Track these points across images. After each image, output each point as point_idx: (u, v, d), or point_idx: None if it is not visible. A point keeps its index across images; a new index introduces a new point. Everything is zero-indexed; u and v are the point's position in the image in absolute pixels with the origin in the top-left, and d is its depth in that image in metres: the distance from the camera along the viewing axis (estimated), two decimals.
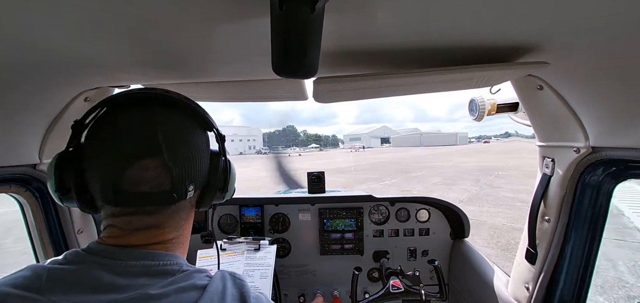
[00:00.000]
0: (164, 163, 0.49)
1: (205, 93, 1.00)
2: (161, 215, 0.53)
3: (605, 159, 0.86)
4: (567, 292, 1.04)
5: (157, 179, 0.49)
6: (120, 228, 0.51)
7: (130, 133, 0.49)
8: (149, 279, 0.47)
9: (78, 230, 1.15)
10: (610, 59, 0.65)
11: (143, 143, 0.49)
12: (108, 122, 0.51)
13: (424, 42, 0.64)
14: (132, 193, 0.48)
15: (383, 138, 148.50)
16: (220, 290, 0.50)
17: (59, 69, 0.72)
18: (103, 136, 0.50)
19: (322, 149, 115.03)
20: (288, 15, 0.40)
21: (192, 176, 0.54)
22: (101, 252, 0.49)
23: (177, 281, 0.48)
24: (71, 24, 0.51)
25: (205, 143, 0.59)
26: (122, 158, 0.48)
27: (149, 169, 0.49)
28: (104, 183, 0.49)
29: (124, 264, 0.47)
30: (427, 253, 1.77)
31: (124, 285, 0.45)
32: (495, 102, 1.13)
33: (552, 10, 0.50)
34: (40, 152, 0.97)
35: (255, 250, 1.43)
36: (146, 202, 0.50)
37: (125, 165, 0.48)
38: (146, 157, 0.48)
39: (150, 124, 0.50)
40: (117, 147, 0.48)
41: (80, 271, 0.46)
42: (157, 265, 0.49)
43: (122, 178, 0.48)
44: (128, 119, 0.50)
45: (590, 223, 0.96)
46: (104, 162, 0.49)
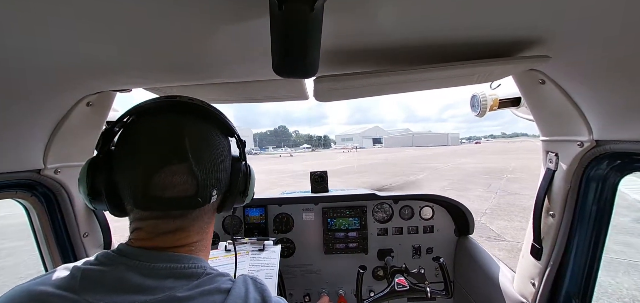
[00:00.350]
0: (190, 168, 0.51)
1: (206, 95, 1.00)
2: (186, 219, 0.55)
3: (609, 153, 0.85)
4: (574, 287, 1.03)
5: (184, 184, 0.51)
6: (147, 231, 0.53)
7: (158, 139, 0.52)
8: (175, 281, 0.49)
9: (84, 233, 1.16)
10: (613, 52, 0.64)
11: (170, 150, 0.51)
12: (137, 129, 0.54)
13: (424, 38, 0.63)
14: (160, 197, 0.50)
15: (375, 138, 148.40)
16: (243, 294, 0.52)
17: (60, 74, 0.73)
18: (132, 142, 0.53)
19: (314, 149, 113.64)
20: (287, 15, 0.40)
21: (216, 181, 0.56)
22: (130, 254, 0.51)
23: (202, 284, 0.50)
24: (72, 29, 0.51)
25: (228, 148, 0.61)
26: (150, 164, 0.50)
27: (176, 175, 0.51)
28: (134, 187, 0.51)
29: (151, 266, 0.50)
30: (431, 250, 1.76)
31: (152, 286, 0.47)
32: (497, 98, 1.12)
33: (553, 4, 0.50)
34: (45, 157, 0.98)
35: (259, 250, 1.44)
36: (173, 206, 0.52)
37: (154, 171, 0.50)
38: (174, 163, 0.51)
39: (177, 131, 0.52)
40: (146, 153, 0.51)
41: (111, 272, 0.49)
42: (183, 267, 0.51)
43: (150, 183, 0.50)
44: (156, 126, 0.53)
45: (596, 217, 0.96)
46: (133, 168, 0.51)
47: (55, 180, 1.05)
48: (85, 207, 1.17)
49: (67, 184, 1.08)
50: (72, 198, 1.11)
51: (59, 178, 1.05)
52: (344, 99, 0.94)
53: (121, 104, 1.24)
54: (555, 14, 0.53)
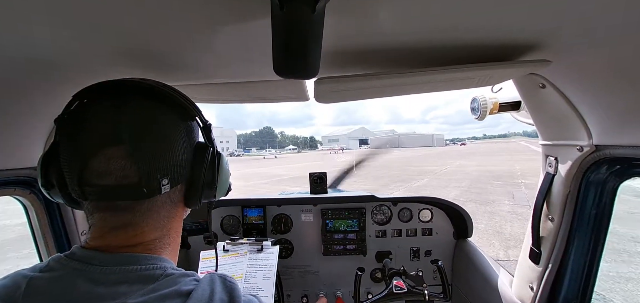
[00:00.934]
0: (128, 152, 0.46)
1: (206, 95, 1.00)
2: (135, 213, 0.49)
3: (609, 158, 0.85)
4: (572, 292, 1.03)
5: (122, 170, 0.46)
6: (97, 227, 0.49)
7: (95, 122, 0.47)
8: (129, 286, 0.44)
9: (82, 231, 1.16)
10: (613, 57, 0.64)
11: (105, 131, 0.46)
12: (77, 113, 0.49)
13: (425, 41, 0.63)
14: (97, 185, 0.46)
15: (361, 139, 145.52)
16: (208, 295, 0.46)
17: (60, 72, 0.73)
18: (71, 127, 0.48)
19: (300, 151, 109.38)
20: (289, 16, 0.40)
21: (166, 169, 0.50)
22: (82, 257, 0.46)
23: (159, 287, 0.44)
24: (72, 27, 0.51)
25: (185, 133, 0.54)
26: (85, 147, 0.46)
27: (112, 160, 0.46)
28: (72, 174, 0.47)
29: (103, 270, 0.45)
30: (430, 253, 1.76)
31: (102, 294, 0.42)
32: (498, 101, 1.13)
33: (554, 8, 0.50)
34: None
35: (257, 251, 1.43)
36: (113, 196, 0.47)
37: (89, 155, 0.46)
38: (108, 145, 0.46)
39: (114, 113, 0.47)
40: (81, 136, 0.47)
41: (59, 280, 0.44)
42: (138, 269, 0.46)
43: (86, 169, 0.46)
44: (95, 109, 0.48)
45: (595, 222, 0.96)
46: (70, 153, 0.47)
47: None
48: None
49: None
50: None
51: None
52: (344, 101, 0.94)
53: None
54: (556, 18, 0.53)
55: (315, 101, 0.89)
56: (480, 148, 63.45)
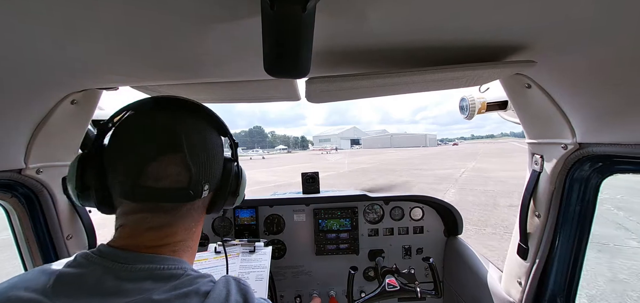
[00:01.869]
0: (184, 160, 0.52)
1: (197, 94, 0.99)
2: (175, 214, 0.55)
3: (591, 155, 0.88)
4: (558, 285, 1.06)
5: (177, 175, 0.52)
6: (133, 227, 0.53)
7: (153, 131, 0.53)
8: (153, 283, 0.48)
9: (67, 235, 1.12)
10: (595, 59, 0.67)
11: (166, 140, 0.52)
12: (132, 123, 0.54)
13: (414, 41, 0.64)
14: (153, 188, 0.51)
15: (353, 139, 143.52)
16: (224, 296, 0.50)
17: (44, 71, 0.71)
18: (127, 135, 0.54)
19: (291, 151, 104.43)
20: (279, 15, 0.40)
21: (208, 177, 0.57)
22: (109, 255, 0.50)
23: (181, 286, 0.49)
24: (56, 24, 0.49)
25: (220, 147, 0.62)
26: (145, 154, 0.51)
27: (170, 165, 0.52)
28: (127, 178, 0.51)
29: (130, 267, 0.48)
30: (421, 251, 1.78)
31: (129, 289, 0.46)
32: (485, 101, 1.15)
33: (539, 11, 0.51)
34: (26, 156, 0.94)
35: (250, 252, 1.42)
36: (165, 198, 0.52)
37: (149, 160, 0.51)
38: (168, 153, 0.52)
39: (172, 124, 0.54)
40: (141, 144, 0.52)
41: (87, 275, 0.47)
42: (162, 268, 0.50)
43: (143, 173, 0.50)
44: (151, 120, 0.54)
45: (579, 218, 0.99)
46: (127, 159, 0.52)
47: (37, 180, 1.01)
48: (69, 208, 1.13)
49: (49, 185, 1.04)
50: (54, 199, 1.07)
51: (41, 178, 1.01)
52: (335, 101, 0.94)
53: (107, 103, 1.21)
54: (541, 20, 0.55)
55: (307, 101, 0.89)
56: (476, 147, 61.45)
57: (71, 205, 1.13)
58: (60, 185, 1.08)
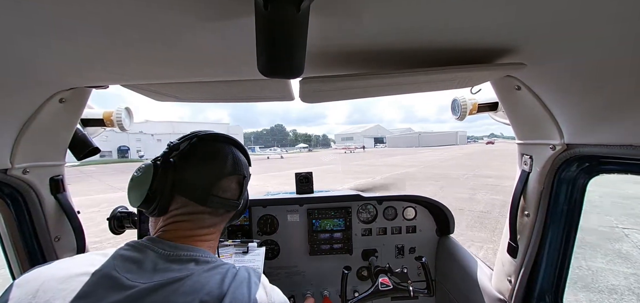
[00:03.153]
0: (241, 181, 0.77)
1: (189, 93, 0.98)
2: (222, 218, 0.76)
3: (579, 156, 0.90)
4: (547, 282, 1.08)
5: (235, 190, 0.76)
6: (191, 224, 0.70)
7: (223, 156, 0.74)
8: (196, 265, 0.62)
9: (55, 237, 1.10)
10: (582, 62, 0.69)
11: (233, 165, 0.75)
12: (206, 149, 0.73)
13: (407, 43, 0.65)
14: (220, 197, 0.72)
15: (376, 137, 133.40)
16: (247, 276, 0.65)
17: (30, 68, 0.69)
18: (204, 156, 0.72)
19: (311, 149, 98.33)
20: (273, 15, 0.40)
21: (242, 194, 0.79)
22: (159, 244, 0.65)
23: (218, 267, 0.64)
24: (43, 21, 0.48)
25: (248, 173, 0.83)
26: (221, 172, 0.72)
27: (232, 183, 0.75)
28: (205, 188, 0.70)
29: (175, 254, 0.63)
30: (414, 250, 1.80)
31: (176, 268, 0.60)
32: (477, 102, 1.17)
33: (528, 15, 0.52)
34: (12, 156, 0.92)
35: (243, 252, 1.41)
36: (224, 205, 0.73)
37: (222, 177, 0.72)
38: (233, 174, 0.75)
39: (233, 153, 0.77)
40: (218, 164, 0.72)
41: (142, 253, 0.62)
42: (201, 256, 0.65)
43: (216, 186, 0.71)
44: (220, 148, 0.75)
45: (567, 217, 1.01)
46: (206, 174, 0.71)
47: (24, 181, 0.98)
48: (57, 209, 1.11)
49: (36, 185, 1.02)
50: (42, 200, 1.04)
51: (28, 178, 0.99)
52: (329, 101, 0.94)
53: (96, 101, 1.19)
54: (530, 24, 0.56)
55: (301, 101, 0.89)
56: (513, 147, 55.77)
57: (59, 206, 1.11)
58: (48, 186, 1.06)
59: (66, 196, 1.13)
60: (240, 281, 0.62)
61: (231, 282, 0.61)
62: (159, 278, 0.57)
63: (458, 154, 36.75)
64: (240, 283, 0.61)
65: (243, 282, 0.62)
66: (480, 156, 31.03)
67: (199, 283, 0.58)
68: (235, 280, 0.61)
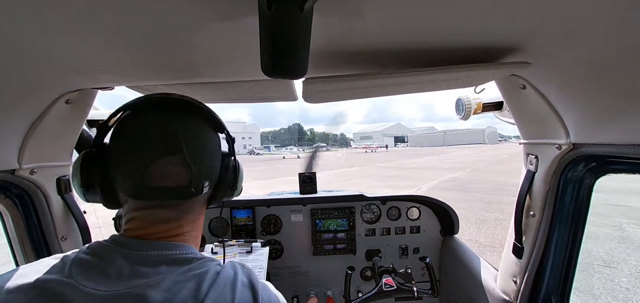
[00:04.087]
0: (184, 160, 0.55)
1: (193, 94, 0.98)
2: (180, 209, 0.59)
3: (585, 155, 0.89)
4: (553, 284, 1.07)
5: (178, 175, 0.55)
6: (142, 221, 0.56)
7: (153, 133, 0.55)
8: (167, 267, 0.52)
9: (62, 237, 1.11)
10: (589, 61, 0.68)
11: (165, 142, 0.55)
12: (131, 124, 0.56)
13: (411, 42, 0.65)
14: (155, 187, 0.54)
15: (397, 136, 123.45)
16: (232, 276, 0.55)
17: (38, 70, 0.70)
18: (127, 136, 0.56)
19: (329, 149, 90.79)
20: (276, 16, 0.40)
21: (207, 173, 0.60)
22: (123, 243, 0.54)
23: (194, 268, 0.53)
24: (51, 24, 0.49)
25: (218, 143, 0.65)
26: (146, 155, 0.54)
27: (170, 166, 0.55)
28: (130, 178, 0.54)
29: (144, 254, 0.53)
30: (418, 250, 1.79)
31: (145, 272, 0.50)
32: (481, 102, 1.16)
33: (533, 13, 0.52)
34: (20, 157, 0.93)
35: (247, 252, 1.42)
36: (167, 196, 0.56)
37: (149, 162, 0.53)
38: (168, 154, 0.55)
39: (170, 125, 0.56)
40: (142, 146, 0.54)
41: (103, 258, 0.51)
42: (175, 254, 0.55)
43: (145, 174, 0.53)
44: (150, 120, 0.56)
45: (573, 217, 1.00)
46: (129, 160, 0.54)
47: (31, 181, 1.00)
48: (63, 209, 1.12)
49: (43, 185, 1.03)
50: (49, 200, 1.06)
51: (35, 178, 1.00)
52: (332, 101, 0.94)
53: (102, 102, 1.20)
54: (536, 22, 0.56)
55: (304, 101, 0.90)
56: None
57: (66, 205, 1.12)
58: (55, 186, 1.07)
59: (72, 196, 1.14)
60: (223, 284, 0.52)
61: (210, 287, 0.51)
62: (121, 287, 0.47)
63: (496, 154, 31.25)
64: (223, 287, 0.52)
65: (226, 284, 0.52)
66: (517, 157, 21.87)
67: (170, 292, 0.48)
68: (215, 284, 0.51)
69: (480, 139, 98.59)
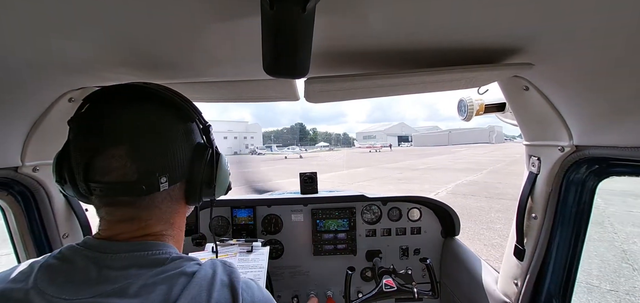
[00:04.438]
0: (128, 152, 0.50)
1: (194, 93, 0.98)
2: (138, 207, 0.54)
3: (588, 158, 0.88)
4: (554, 287, 1.06)
5: (122, 169, 0.50)
6: (106, 220, 0.54)
7: (99, 124, 0.51)
8: (137, 270, 0.48)
9: (63, 234, 1.12)
10: (592, 62, 0.67)
11: (108, 133, 0.50)
12: (84, 115, 0.53)
13: (413, 43, 0.64)
14: (100, 181, 0.50)
15: (401, 136, 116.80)
16: (210, 276, 0.51)
17: (41, 69, 0.70)
18: (77, 129, 0.53)
19: (332, 148, 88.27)
20: (278, 15, 0.40)
21: (164, 168, 0.53)
22: (93, 246, 0.51)
23: (167, 270, 0.49)
24: (53, 22, 0.49)
25: (183, 133, 0.57)
26: (90, 146, 0.50)
27: (113, 159, 0.50)
28: (78, 172, 0.51)
29: (112, 256, 0.49)
30: (419, 251, 1.79)
31: (113, 276, 0.47)
32: (484, 103, 1.15)
33: (537, 14, 0.52)
34: (23, 154, 0.94)
35: (247, 251, 1.42)
36: (114, 192, 0.51)
37: (93, 154, 0.50)
38: (109, 146, 0.50)
39: (116, 115, 0.51)
40: (87, 136, 0.51)
41: (71, 263, 0.49)
42: (146, 255, 0.51)
43: (91, 167, 0.50)
44: (97, 112, 0.52)
45: (575, 219, 0.99)
46: (78, 152, 0.51)
47: (34, 178, 1.00)
48: (66, 207, 1.13)
49: (46, 183, 1.04)
50: (51, 198, 1.06)
51: (38, 176, 1.01)
52: (334, 101, 0.94)
53: None
54: (539, 24, 0.55)
55: (305, 101, 0.90)
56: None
57: (68, 203, 1.13)
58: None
59: None
60: (198, 284, 0.48)
61: (183, 289, 0.47)
62: (86, 294, 0.45)
63: (507, 154, 29.38)
64: (198, 288, 0.48)
65: (202, 284, 0.49)
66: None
67: (137, 298, 0.45)
68: (190, 285, 0.48)
69: (486, 138, 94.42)
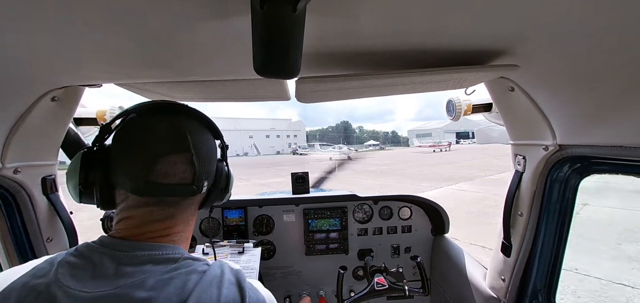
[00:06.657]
0: (190, 159, 0.59)
1: (184, 92, 0.97)
2: (178, 207, 0.61)
3: (571, 156, 0.91)
4: (540, 281, 1.10)
5: (183, 173, 0.59)
6: (138, 219, 0.58)
7: (161, 132, 0.58)
8: (153, 266, 0.53)
9: (47, 238, 1.08)
10: (575, 64, 0.70)
11: (173, 141, 0.58)
12: (139, 124, 0.59)
13: (403, 44, 0.65)
14: (161, 183, 0.57)
15: (459, 132, 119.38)
16: (219, 275, 0.56)
17: (22, 66, 0.68)
18: (135, 135, 0.59)
19: (383, 147, 76.96)
20: (269, 15, 0.40)
21: (208, 174, 0.64)
22: (110, 244, 0.55)
23: (180, 267, 0.54)
24: (35, 19, 0.48)
25: (216, 148, 0.69)
26: (154, 153, 0.57)
27: (177, 164, 0.58)
28: (135, 175, 0.56)
29: (130, 254, 0.53)
30: (409, 249, 1.81)
31: (129, 271, 0.51)
32: (471, 103, 1.18)
33: (522, 17, 0.53)
34: (3, 156, 0.90)
35: (239, 253, 1.41)
36: (171, 192, 0.58)
37: (157, 159, 0.56)
38: (176, 153, 0.58)
39: (179, 126, 0.60)
40: (150, 144, 0.57)
41: (89, 259, 0.53)
42: (162, 253, 0.55)
43: (153, 171, 0.56)
44: (157, 122, 0.59)
45: (559, 216, 1.03)
46: (136, 157, 0.57)
47: (15, 181, 0.97)
48: (49, 209, 1.09)
49: (28, 185, 1.00)
50: (33, 200, 1.03)
51: (19, 178, 0.97)
52: (325, 101, 0.94)
53: (90, 100, 1.17)
54: (524, 26, 0.57)
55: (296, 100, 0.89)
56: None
57: (51, 206, 1.09)
58: (40, 186, 1.04)
59: (58, 197, 1.11)
60: (209, 281, 0.53)
61: (196, 284, 0.52)
62: (106, 287, 0.49)
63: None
64: (209, 284, 0.53)
65: (212, 281, 0.54)
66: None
67: (154, 290, 0.49)
68: (201, 281, 0.52)
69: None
